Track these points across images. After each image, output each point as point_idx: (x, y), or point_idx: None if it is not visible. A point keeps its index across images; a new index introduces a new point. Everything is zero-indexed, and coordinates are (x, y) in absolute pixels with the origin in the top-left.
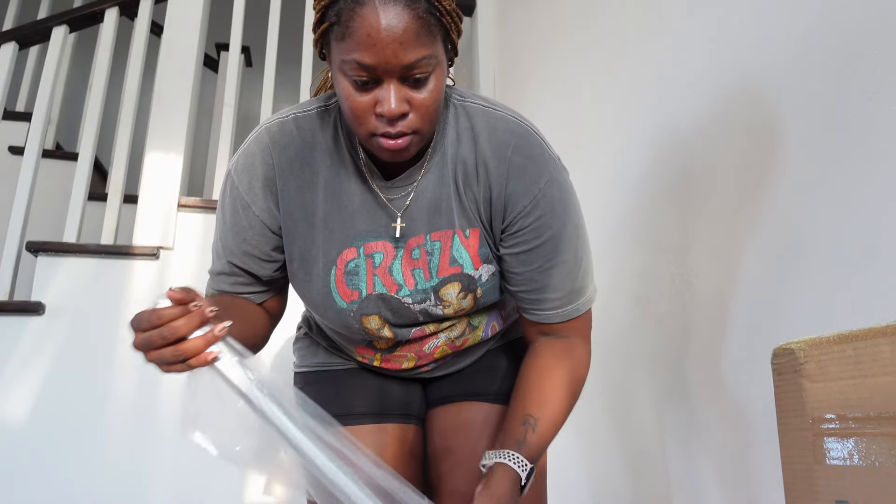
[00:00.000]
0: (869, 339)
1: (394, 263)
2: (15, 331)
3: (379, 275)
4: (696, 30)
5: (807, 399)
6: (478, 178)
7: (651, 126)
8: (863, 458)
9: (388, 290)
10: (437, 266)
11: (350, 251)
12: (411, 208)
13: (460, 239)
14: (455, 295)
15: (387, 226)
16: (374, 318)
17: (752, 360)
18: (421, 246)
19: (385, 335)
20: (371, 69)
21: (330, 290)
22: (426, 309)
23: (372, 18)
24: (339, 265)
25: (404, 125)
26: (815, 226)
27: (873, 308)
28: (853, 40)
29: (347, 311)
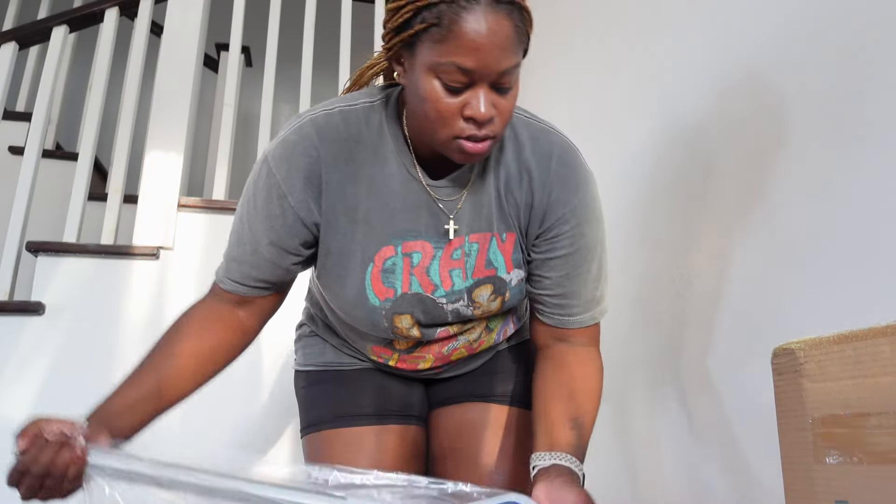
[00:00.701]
0: (869, 339)
1: (432, 264)
2: (15, 331)
3: (416, 274)
4: (696, 30)
5: (807, 399)
6: (521, 184)
7: (651, 126)
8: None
9: (424, 291)
10: (474, 268)
11: (388, 249)
12: (457, 209)
13: (497, 242)
14: (486, 297)
15: (428, 225)
16: (407, 318)
17: (752, 360)
18: (461, 247)
19: (413, 335)
20: (470, 73)
21: (364, 287)
22: (458, 309)
23: (477, 24)
24: (376, 262)
25: (489, 129)
26: (816, 226)
27: (873, 308)
28: (853, 39)
29: (380, 310)
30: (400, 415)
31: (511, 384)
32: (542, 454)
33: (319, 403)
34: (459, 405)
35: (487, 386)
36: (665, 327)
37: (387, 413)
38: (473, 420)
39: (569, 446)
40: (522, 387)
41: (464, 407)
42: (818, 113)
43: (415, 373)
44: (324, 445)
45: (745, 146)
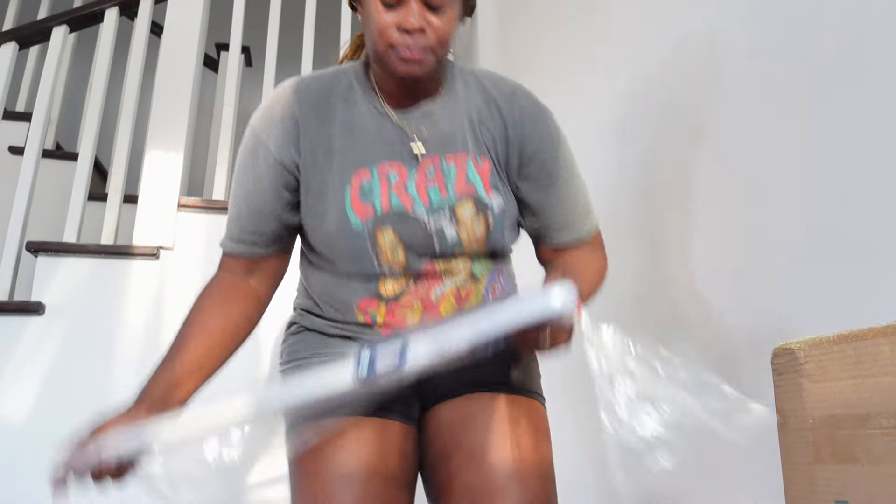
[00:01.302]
0: (869, 339)
1: (409, 182)
2: (15, 331)
3: (395, 191)
4: (696, 30)
5: (807, 399)
6: (492, 117)
7: (651, 126)
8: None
9: (403, 206)
10: (454, 184)
11: (364, 171)
12: (426, 133)
13: (473, 163)
14: (469, 214)
15: (402, 151)
16: (389, 232)
17: (752, 360)
18: (436, 166)
19: (398, 258)
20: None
21: (345, 209)
22: (442, 229)
23: None
24: (353, 184)
25: (421, 39)
26: (816, 225)
27: (873, 308)
28: (853, 39)
29: (362, 232)
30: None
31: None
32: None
33: None
34: (461, 398)
35: (489, 375)
36: (665, 327)
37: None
38: (477, 411)
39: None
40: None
41: (466, 399)
42: (818, 112)
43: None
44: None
45: (746, 145)
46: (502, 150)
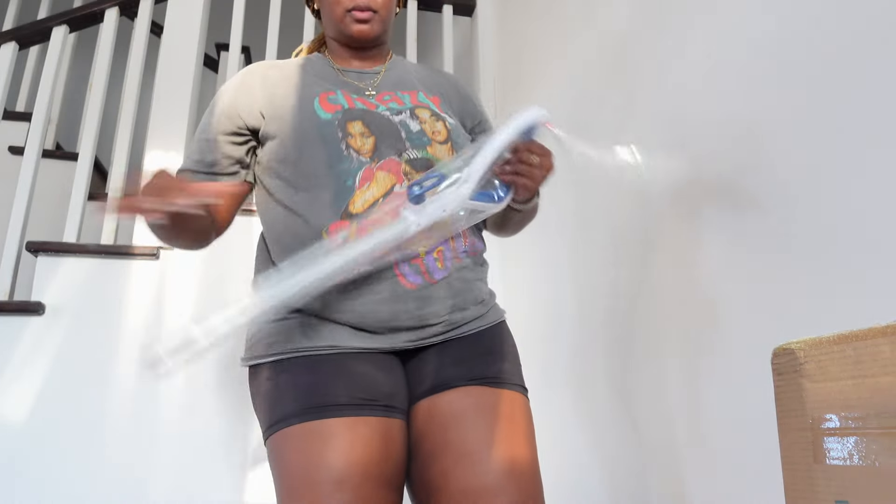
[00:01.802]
0: (869, 339)
1: (369, 99)
2: (15, 331)
3: (358, 100)
4: (696, 30)
5: (807, 399)
6: (439, 78)
7: (651, 126)
8: (863, 458)
9: (367, 107)
10: (409, 100)
11: (329, 92)
12: (378, 83)
13: (424, 95)
14: (427, 116)
15: (359, 90)
16: (357, 123)
17: (751, 360)
18: (391, 95)
19: (367, 146)
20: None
21: (314, 108)
22: (405, 121)
23: None
24: (320, 97)
25: (371, 2)
26: (816, 225)
27: (873, 308)
28: (852, 39)
29: (332, 122)
30: (384, 406)
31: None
32: None
33: (287, 396)
34: (451, 391)
35: (481, 368)
36: (665, 327)
37: (369, 404)
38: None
39: None
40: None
41: (457, 392)
42: (818, 112)
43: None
44: (290, 443)
45: (746, 146)
46: (455, 102)
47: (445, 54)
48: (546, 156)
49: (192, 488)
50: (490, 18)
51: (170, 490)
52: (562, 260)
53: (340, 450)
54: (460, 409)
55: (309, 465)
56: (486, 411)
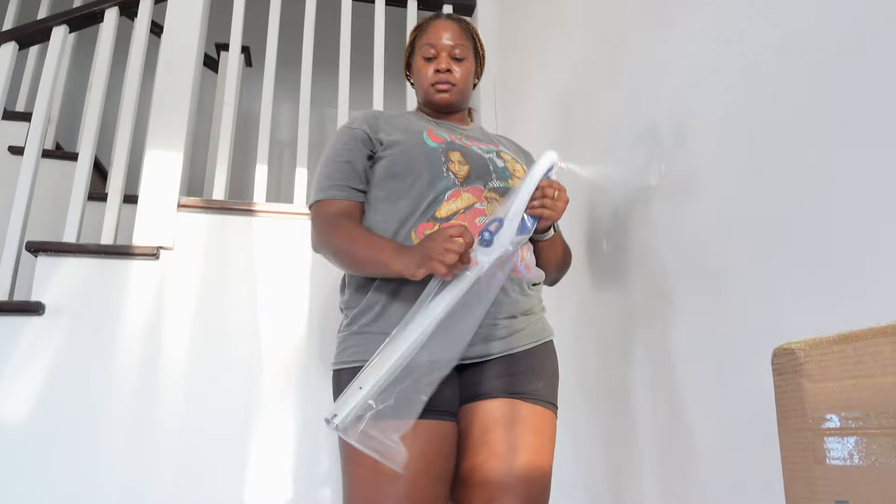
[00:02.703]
0: (869, 339)
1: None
2: (15, 331)
3: (457, 138)
4: (696, 29)
5: (807, 399)
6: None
7: (651, 125)
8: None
9: (463, 144)
10: (494, 147)
11: (435, 128)
12: (467, 136)
13: (504, 147)
14: (510, 157)
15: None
16: (457, 153)
17: (752, 360)
18: (479, 141)
19: (463, 171)
20: (433, 45)
21: (423, 138)
22: (492, 158)
23: (435, 23)
24: (427, 130)
25: (449, 77)
26: (816, 225)
27: (873, 308)
28: (854, 38)
29: (437, 149)
30: (435, 410)
31: (543, 382)
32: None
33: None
34: (496, 400)
35: (522, 384)
36: (664, 326)
37: (438, 409)
38: (507, 415)
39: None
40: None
41: (500, 402)
42: (818, 112)
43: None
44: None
45: (745, 145)
46: (520, 155)
47: None
48: (562, 190)
49: (192, 488)
50: (490, 18)
51: (170, 490)
52: None
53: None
54: (499, 417)
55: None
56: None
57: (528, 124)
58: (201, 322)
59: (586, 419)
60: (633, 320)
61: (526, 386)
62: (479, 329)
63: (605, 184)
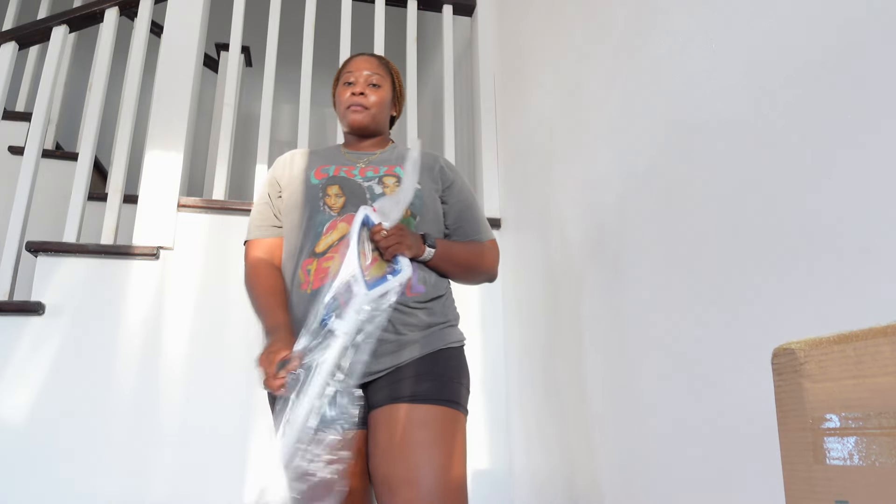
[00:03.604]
0: (869, 339)
1: (353, 170)
2: (15, 331)
3: (343, 171)
4: (696, 29)
5: (807, 399)
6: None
7: (651, 125)
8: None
9: (346, 175)
10: (384, 170)
11: (324, 165)
12: (371, 161)
13: (401, 168)
14: (392, 182)
15: (351, 163)
16: (335, 187)
17: (751, 360)
18: (373, 168)
19: (339, 203)
20: (352, 73)
21: (308, 177)
22: (371, 186)
23: (355, 59)
24: (316, 169)
25: (363, 99)
26: (816, 225)
27: (873, 308)
28: (854, 38)
29: (317, 185)
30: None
31: (422, 385)
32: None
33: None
34: (383, 408)
35: (403, 389)
36: (664, 327)
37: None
38: (390, 418)
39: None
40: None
41: (386, 409)
42: (817, 112)
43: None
44: None
45: (745, 145)
46: (428, 171)
47: (445, 54)
48: (382, 229)
49: (192, 488)
50: (490, 18)
51: (170, 490)
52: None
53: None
54: (389, 419)
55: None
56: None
57: (528, 124)
58: (201, 322)
59: (585, 421)
60: (633, 320)
61: (406, 391)
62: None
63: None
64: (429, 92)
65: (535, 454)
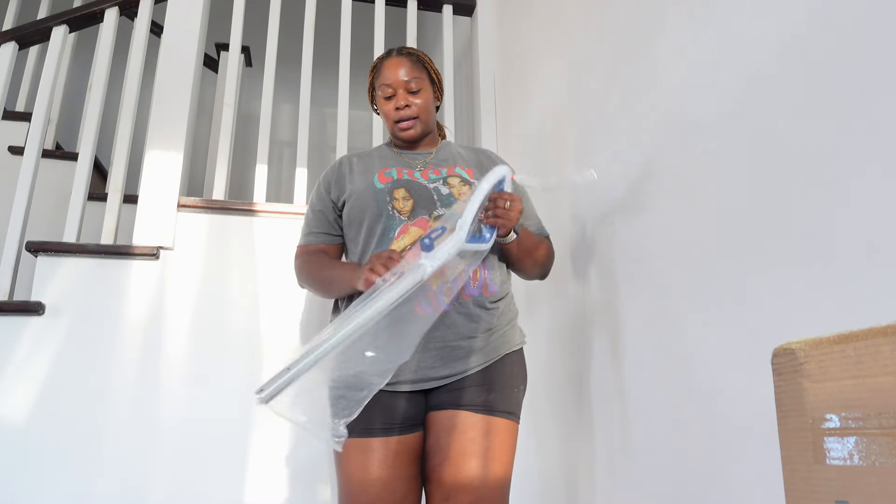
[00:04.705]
0: (869, 339)
1: (415, 172)
2: (15, 331)
3: (406, 173)
4: (696, 29)
5: (807, 399)
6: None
7: (652, 125)
8: (863, 458)
9: (410, 178)
10: (446, 171)
11: (386, 169)
12: (429, 161)
13: (461, 169)
14: (457, 182)
15: (411, 166)
16: (402, 190)
17: (751, 360)
18: (433, 169)
19: (407, 206)
20: (389, 86)
21: (373, 181)
22: (437, 187)
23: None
24: (379, 172)
25: (407, 112)
26: (815, 225)
27: (873, 308)
28: (854, 37)
29: (384, 191)
30: (402, 426)
31: (491, 395)
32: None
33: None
34: (449, 411)
35: (471, 397)
36: (665, 326)
37: (391, 426)
38: (457, 424)
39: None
40: (500, 396)
41: (452, 413)
42: (817, 112)
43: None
44: (348, 450)
45: (745, 145)
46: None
47: (445, 54)
48: (515, 200)
49: (192, 488)
50: (490, 18)
51: (170, 490)
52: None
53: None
54: (451, 426)
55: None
56: (468, 429)
57: (528, 124)
58: (201, 322)
59: (584, 421)
60: (633, 320)
61: (471, 399)
62: (440, 352)
63: (561, 191)
64: None
65: (535, 454)
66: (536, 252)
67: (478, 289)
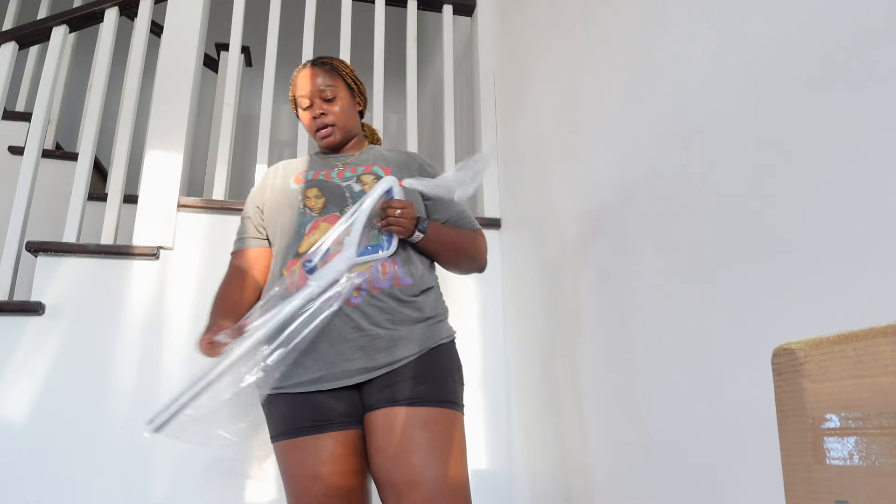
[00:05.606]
0: (869, 339)
1: (332, 172)
2: (15, 331)
3: (322, 174)
4: (696, 29)
5: (807, 399)
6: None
7: (651, 126)
8: (863, 458)
9: (325, 177)
10: (362, 169)
11: (303, 171)
12: (349, 163)
13: (379, 168)
14: (371, 180)
15: (330, 167)
16: (314, 189)
17: (752, 360)
18: (351, 168)
19: (319, 204)
20: (303, 97)
21: (288, 183)
22: (350, 185)
23: (301, 75)
24: (295, 177)
25: (324, 120)
26: (816, 225)
27: (873, 308)
28: (854, 37)
29: (297, 189)
30: (335, 423)
31: (419, 388)
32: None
33: (274, 420)
34: (382, 409)
35: (402, 392)
36: (664, 327)
37: (323, 423)
38: (392, 421)
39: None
40: (433, 387)
41: (386, 411)
42: (817, 112)
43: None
44: (282, 452)
45: (745, 145)
46: (407, 170)
47: (445, 54)
48: (406, 206)
49: (192, 488)
50: (490, 18)
51: (170, 490)
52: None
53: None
54: (386, 423)
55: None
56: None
57: (528, 124)
58: (201, 322)
59: (584, 421)
60: (632, 320)
61: (403, 393)
62: (357, 342)
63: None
64: (429, 92)
65: (535, 454)
66: (459, 244)
67: (388, 281)
